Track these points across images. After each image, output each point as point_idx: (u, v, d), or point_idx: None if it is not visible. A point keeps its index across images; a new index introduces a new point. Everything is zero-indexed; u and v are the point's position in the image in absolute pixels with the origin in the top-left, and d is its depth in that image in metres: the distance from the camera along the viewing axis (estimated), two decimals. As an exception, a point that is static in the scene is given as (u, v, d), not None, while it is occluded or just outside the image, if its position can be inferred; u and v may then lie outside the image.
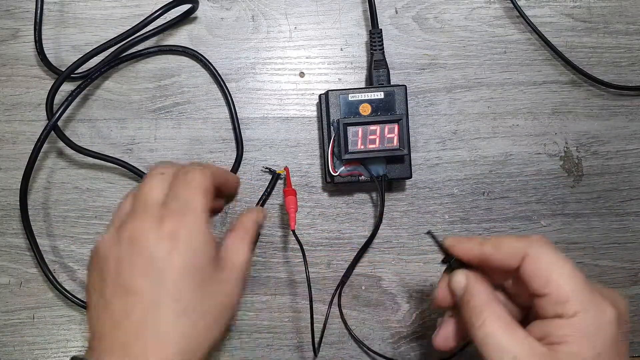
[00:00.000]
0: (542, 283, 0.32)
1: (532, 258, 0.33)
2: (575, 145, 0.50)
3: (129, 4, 0.49)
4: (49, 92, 0.45)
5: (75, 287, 0.48)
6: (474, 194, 0.50)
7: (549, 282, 0.32)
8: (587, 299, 0.31)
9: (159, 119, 0.49)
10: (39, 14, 0.47)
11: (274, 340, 0.49)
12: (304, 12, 0.50)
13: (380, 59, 0.47)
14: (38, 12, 0.47)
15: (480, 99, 0.50)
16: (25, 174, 0.45)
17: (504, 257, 0.34)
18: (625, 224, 0.50)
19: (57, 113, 0.44)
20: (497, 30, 0.50)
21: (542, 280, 0.32)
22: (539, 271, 0.33)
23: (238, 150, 0.49)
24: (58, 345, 0.49)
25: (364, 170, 0.46)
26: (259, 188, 0.49)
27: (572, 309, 0.31)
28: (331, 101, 0.46)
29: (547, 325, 0.32)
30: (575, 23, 0.50)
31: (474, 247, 0.35)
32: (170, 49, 0.48)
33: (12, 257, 0.48)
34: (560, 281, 0.32)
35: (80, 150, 0.47)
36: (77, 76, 0.47)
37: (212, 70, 0.48)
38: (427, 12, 0.50)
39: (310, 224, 0.49)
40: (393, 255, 0.49)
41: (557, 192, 0.50)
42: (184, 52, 0.48)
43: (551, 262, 0.33)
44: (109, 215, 0.48)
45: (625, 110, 0.50)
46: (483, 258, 0.35)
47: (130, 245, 0.33)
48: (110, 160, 0.47)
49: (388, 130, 0.45)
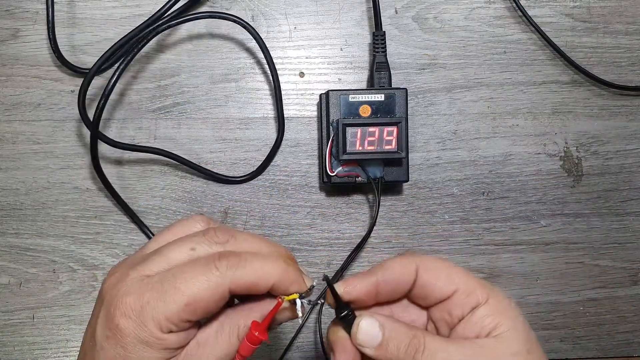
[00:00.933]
0: (447, 283, 0.32)
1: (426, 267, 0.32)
2: (575, 145, 0.50)
3: (129, 4, 0.49)
4: (80, 89, 0.44)
5: (75, 287, 0.48)
6: (474, 194, 0.50)
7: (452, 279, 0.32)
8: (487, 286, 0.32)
9: (159, 119, 0.49)
10: (50, 13, 0.47)
11: (273, 340, 0.49)
12: (304, 12, 0.50)
13: (382, 61, 0.47)
14: (50, 12, 0.47)
15: (480, 99, 0.50)
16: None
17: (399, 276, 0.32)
18: (625, 224, 0.50)
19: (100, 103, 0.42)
20: (497, 30, 0.50)
21: (446, 280, 0.32)
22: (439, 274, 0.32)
23: (279, 130, 0.48)
24: (58, 345, 0.49)
25: (362, 172, 0.46)
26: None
27: (483, 295, 0.31)
28: (331, 101, 0.46)
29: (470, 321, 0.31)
30: (575, 23, 0.50)
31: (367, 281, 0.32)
32: (221, 15, 0.46)
33: (12, 257, 0.48)
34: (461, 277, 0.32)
35: (117, 144, 0.46)
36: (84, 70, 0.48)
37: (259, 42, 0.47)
38: (427, 12, 0.50)
39: (310, 223, 0.49)
40: (393, 256, 0.50)
41: (557, 192, 0.50)
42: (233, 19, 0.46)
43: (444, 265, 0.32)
44: (109, 215, 0.49)
45: (625, 110, 0.50)
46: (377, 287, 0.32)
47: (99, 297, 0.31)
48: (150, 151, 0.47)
49: (387, 132, 0.45)
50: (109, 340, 0.29)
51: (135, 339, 0.29)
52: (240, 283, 0.29)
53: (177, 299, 0.29)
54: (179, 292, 0.29)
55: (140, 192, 0.49)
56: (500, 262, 0.50)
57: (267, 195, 0.49)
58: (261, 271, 0.30)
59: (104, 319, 0.29)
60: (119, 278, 0.30)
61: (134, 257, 0.32)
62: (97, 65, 0.44)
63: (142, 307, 0.29)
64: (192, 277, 0.29)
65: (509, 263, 0.50)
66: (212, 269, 0.29)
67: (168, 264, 0.30)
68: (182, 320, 0.29)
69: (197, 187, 0.49)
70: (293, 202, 0.49)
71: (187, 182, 0.49)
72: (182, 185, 0.49)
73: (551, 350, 0.50)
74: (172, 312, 0.28)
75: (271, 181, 0.49)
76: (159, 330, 0.29)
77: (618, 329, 0.51)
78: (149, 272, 0.30)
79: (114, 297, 0.29)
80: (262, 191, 0.49)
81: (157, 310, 0.28)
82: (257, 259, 0.30)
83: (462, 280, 0.32)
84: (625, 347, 0.51)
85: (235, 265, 0.29)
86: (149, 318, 0.29)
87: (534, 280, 0.50)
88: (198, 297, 0.29)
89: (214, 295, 0.29)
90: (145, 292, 0.29)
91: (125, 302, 0.29)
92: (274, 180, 0.49)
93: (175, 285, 0.29)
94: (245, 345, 0.30)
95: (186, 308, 0.29)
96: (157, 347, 0.29)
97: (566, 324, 0.50)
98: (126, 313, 0.29)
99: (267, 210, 0.49)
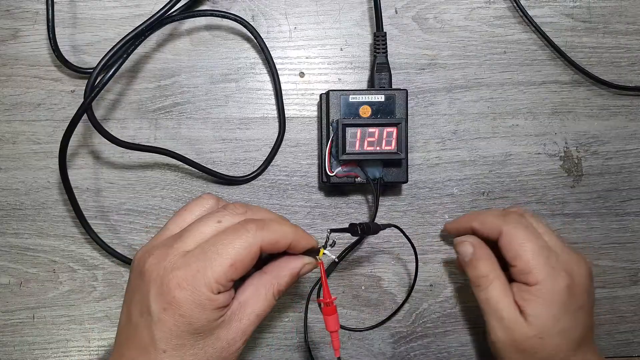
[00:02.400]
0: (512, 256, 0.41)
1: (506, 235, 0.41)
2: (575, 145, 0.50)
3: (129, 4, 0.49)
4: (86, 88, 0.43)
5: (75, 287, 0.48)
6: (473, 194, 0.50)
7: (517, 256, 0.40)
8: (546, 271, 0.40)
9: (159, 119, 0.49)
10: (50, 13, 0.46)
11: (273, 340, 0.49)
12: (304, 12, 0.50)
13: (383, 62, 0.47)
14: (50, 12, 0.46)
15: (480, 99, 0.50)
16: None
17: (487, 231, 0.43)
18: (625, 224, 0.50)
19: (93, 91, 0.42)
20: (497, 30, 0.50)
21: (512, 254, 0.41)
22: (510, 246, 0.41)
23: (280, 129, 0.49)
24: (58, 345, 0.49)
25: (361, 172, 0.46)
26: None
27: (533, 279, 0.40)
28: (332, 101, 0.46)
29: (518, 289, 0.41)
30: (575, 23, 0.50)
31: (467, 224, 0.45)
32: (223, 14, 0.47)
33: (12, 257, 0.48)
34: (525, 256, 0.40)
35: (121, 143, 0.45)
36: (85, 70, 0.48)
37: (260, 42, 0.48)
38: (427, 12, 0.50)
39: (310, 224, 0.49)
40: (393, 255, 0.50)
41: (557, 192, 0.50)
42: (234, 18, 0.47)
43: (520, 238, 0.41)
44: (109, 215, 0.49)
45: (625, 110, 0.50)
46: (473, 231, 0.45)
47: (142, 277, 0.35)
48: (153, 150, 0.47)
49: (387, 133, 0.45)
50: (167, 311, 0.33)
51: (192, 304, 0.33)
52: (267, 241, 0.35)
53: (222, 262, 0.33)
54: (222, 256, 0.34)
55: (140, 192, 0.49)
56: (500, 262, 0.50)
57: (267, 195, 0.49)
58: (281, 231, 0.36)
59: (157, 296, 0.33)
60: (159, 257, 0.35)
61: (162, 238, 0.37)
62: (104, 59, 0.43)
63: (194, 276, 0.33)
64: (230, 242, 0.34)
65: (509, 263, 0.50)
66: (244, 232, 0.34)
67: (202, 238, 0.35)
68: (228, 280, 0.34)
69: (197, 187, 0.49)
70: (293, 202, 0.49)
71: (187, 182, 0.49)
72: (182, 185, 0.49)
73: (551, 350, 0.50)
74: (220, 275, 0.33)
75: (271, 181, 0.49)
76: (211, 292, 0.33)
77: (618, 329, 0.51)
78: (187, 247, 0.35)
79: (163, 274, 0.34)
80: (262, 191, 0.49)
81: (207, 276, 0.33)
82: (275, 222, 0.36)
83: (526, 259, 0.40)
84: (625, 347, 0.51)
85: (261, 228, 0.35)
86: (201, 284, 0.33)
87: (534, 280, 0.50)
88: (239, 257, 0.34)
89: (250, 253, 0.34)
90: (192, 263, 0.34)
91: (177, 276, 0.33)
92: (274, 180, 0.49)
93: (217, 251, 0.34)
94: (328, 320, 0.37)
95: (230, 268, 0.34)
96: (210, 308, 0.33)
97: (566, 324, 0.50)
98: (180, 284, 0.33)
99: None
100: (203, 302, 0.33)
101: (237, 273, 0.34)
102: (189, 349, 0.34)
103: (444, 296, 0.50)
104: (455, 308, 0.50)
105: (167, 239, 0.36)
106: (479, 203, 0.50)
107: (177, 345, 0.33)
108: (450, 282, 0.50)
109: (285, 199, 0.49)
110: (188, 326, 0.33)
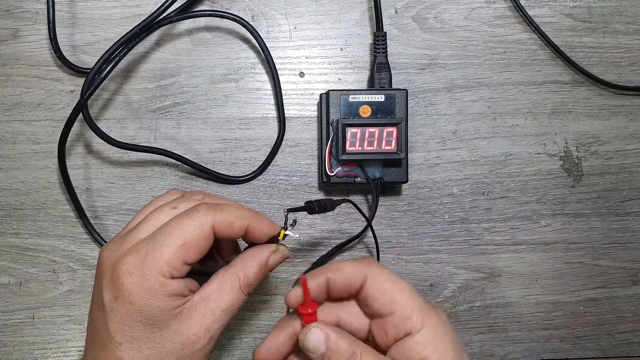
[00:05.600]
0: (386, 302, 0.33)
1: (373, 279, 0.33)
2: (575, 145, 0.50)
3: (129, 4, 0.49)
4: (83, 87, 0.45)
5: (75, 287, 0.48)
6: (473, 194, 0.50)
7: (393, 299, 0.33)
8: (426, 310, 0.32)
9: (159, 119, 0.49)
10: (51, 12, 0.47)
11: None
12: (304, 12, 0.50)
13: (383, 62, 0.47)
14: (50, 11, 0.46)
15: (480, 99, 0.50)
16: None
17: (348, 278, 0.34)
18: (625, 224, 0.50)
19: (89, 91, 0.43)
20: (497, 30, 0.50)
21: (386, 299, 0.33)
22: (383, 290, 0.33)
23: (280, 129, 0.49)
24: (58, 345, 0.49)
25: (360, 172, 0.46)
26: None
27: (418, 324, 0.32)
28: (332, 101, 0.46)
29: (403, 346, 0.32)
30: (575, 23, 0.50)
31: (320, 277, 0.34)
32: (223, 14, 0.47)
33: (12, 257, 0.48)
34: (402, 299, 0.33)
35: (115, 142, 0.46)
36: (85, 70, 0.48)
37: (260, 42, 0.48)
38: (427, 12, 0.50)
39: (310, 223, 0.49)
40: (393, 255, 0.50)
41: (557, 192, 0.50)
42: (234, 18, 0.47)
43: (390, 281, 0.33)
44: (109, 215, 0.49)
45: (625, 110, 0.50)
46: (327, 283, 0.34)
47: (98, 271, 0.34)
48: (152, 151, 0.47)
49: (387, 133, 0.45)
50: (118, 300, 0.32)
51: (141, 290, 0.32)
52: (220, 221, 0.33)
53: (171, 242, 0.32)
54: (171, 237, 0.32)
55: (140, 192, 0.49)
56: (500, 262, 0.50)
57: (267, 195, 0.49)
58: (237, 212, 0.34)
59: (108, 285, 0.32)
60: (113, 249, 0.34)
61: (122, 233, 0.36)
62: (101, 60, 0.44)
63: (142, 260, 0.32)
64: (178, 223, 0.33)
65: (509, 263, 0.50)
66: (194, 212, 0.33)
67: (155, 226, 0.34)
68: (180, 263, 0.32)
69: (197, 187, 0.49)
70: (293, 202, 0.49)
71: (187, 182, 0.49)
72: (182, 185, 0.49)
73: (551, 350, 0.50)
74: (170, 256, 0.32)
75: (271, 181, 0.49)
76: (162, 276, 0.32)
77: (618, 329, 0.51)
78: (142, 236, 0.34)
79: (114, 263, 0.33)
80: (262, 191, 0.49)
81: (157, 258, 0.32)
82: (231, 205, 0.35)
83: (402, 303, 0.33)
84: (625, 347, 0.51)
85: (214, 208, 0.34)
86: (150, 267, 0.32)
87: (534, 280, 0.50)
88: (188, 237, 0.32)
89: (201, 233, 0.33)
90: (142, 248, 0.32)
91: (126, 262, 0.32)
92: (274, 180, 0.49)
93: (166, 233, 0.32)
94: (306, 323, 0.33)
95: (181, 249, 0.32)
96: (162, 295, 0.32)
97: (566, 324, 0.50)
98: (128, 270, 0.32)
99: (267, 210, 0.49)
100: (153, 287, 0.32)
101: (189, 255, 0.32)
102: (145, 342, 0.32)
103: (444, 296, 0.50)
104: (455, 308, 0.50)
105: (125, 232, 0.36)
106: (479, 203, 0.50)
107: (132, 337, 0.32)
108: (450, 282, 0.50)
109: (285, 199, 0.49)
110: (140, 315, 0.32)
